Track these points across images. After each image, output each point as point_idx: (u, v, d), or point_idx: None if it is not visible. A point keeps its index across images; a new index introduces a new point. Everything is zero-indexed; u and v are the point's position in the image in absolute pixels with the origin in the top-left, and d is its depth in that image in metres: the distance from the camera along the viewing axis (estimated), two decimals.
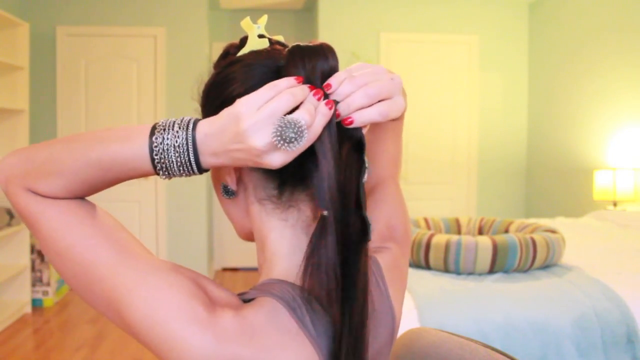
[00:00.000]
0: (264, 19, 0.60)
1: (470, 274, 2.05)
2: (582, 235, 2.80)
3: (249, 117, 0.47)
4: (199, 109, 0.63)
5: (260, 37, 0.59)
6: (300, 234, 0.57)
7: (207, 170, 0.52)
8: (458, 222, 2.69)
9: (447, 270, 2.07)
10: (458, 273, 2.06)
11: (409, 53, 4.48)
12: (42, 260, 3.76)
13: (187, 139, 0.49)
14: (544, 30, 4.45)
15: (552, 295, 1.82)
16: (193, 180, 4.32)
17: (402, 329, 0.89)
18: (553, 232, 2.17)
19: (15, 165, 0.52)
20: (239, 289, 1.61)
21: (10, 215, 3.40)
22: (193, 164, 0.49)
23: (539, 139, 4.53)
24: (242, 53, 0.59)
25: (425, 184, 4.54)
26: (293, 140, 0.47)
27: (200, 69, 4.25)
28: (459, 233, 2.66)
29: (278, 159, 0.49)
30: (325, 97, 0.52)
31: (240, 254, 4.80)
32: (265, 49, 0.58)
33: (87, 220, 0.52)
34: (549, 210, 4.34)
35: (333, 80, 0.52)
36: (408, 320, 1.72)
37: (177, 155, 0.49)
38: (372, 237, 0.68)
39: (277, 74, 0.53)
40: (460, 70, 4.54)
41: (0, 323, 3.18)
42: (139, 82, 4.25)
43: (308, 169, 0.55)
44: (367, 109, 0.52)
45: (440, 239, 2.06)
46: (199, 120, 0.50)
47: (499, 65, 4.62)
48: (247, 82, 0.55)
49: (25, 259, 3.54)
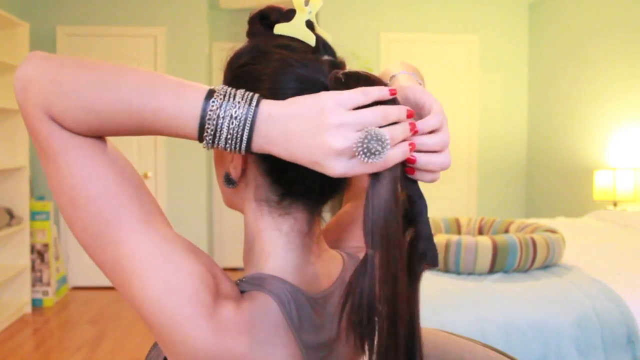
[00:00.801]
0: (318, 4, 0.54)
1: (470, 274, 2.05)
2: (582, 235, 2.80)
3: (337, 114, 0.45)
4: None
5: (308, 24, 0.55)
6: (293, 240, 0.57)
7: (252, 153, 0.48)
8: (458, 222, 2.69)
9: (447, 270, 2.07)
10: (458, 273, 2.06)
11: (409, 53, 4.48)
12: (42, 260, 3.76)
13: (247, 113, 0.45)
14: (544, 30, 4.45)
15: (552, 295, 1.82)
16: (193, 181, 4.32)
17: None
18: (553, 232, 2.17)
19: (38, 82, 0.46)
20: None
21: (10, 215, 3.40)
22: (244, 142, 0.46)
23: (539, 139, 4.53)
24: (282, 30, 0.55)
25: (425, 184, 4.53)
26: (375, 153, 0.44)
27: (200, 69, 4.26)
28: (459, 233, 2.66)
29: (342, 168, 0.45)
30: None
31: (240, 254, 4.78)
32: (307, 50, 0.54)
33: (111, 174, 0.48)
34: (549, 210, 4.34)
35: (423, 126, 0.49)
36: None
37: (230, 128, 0.45)
38: (358, 234, 0.68)
39: (313, 92, 0.48)
40: (460, 70, 4.54)
41: (0, 323, 3.18)
42: None
43: (322, 188, 0.55)
44: (435, 156, 0.50)
45: (440, 239, 2.05)
46: (263, 99, 0.47)
47: (499, 65, 4.62)
48: (276, 90, 0.52)
49: (25, 259, 3.54)
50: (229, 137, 0.46)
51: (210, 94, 0.46)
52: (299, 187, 0.55)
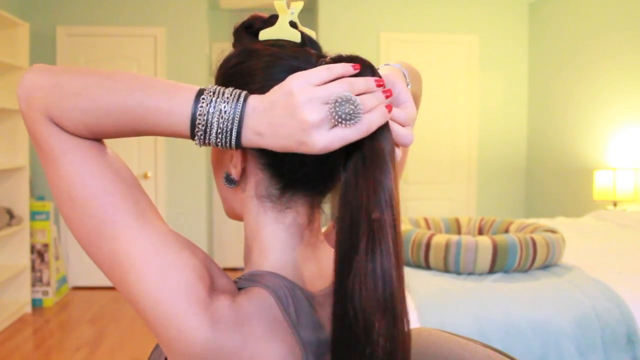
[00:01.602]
0: (299, 5, 0.57)
1: (470, 274, 2.05)
2: (582, 235, 2.80)
3: (304, 91, 0.46)
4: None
5: (292, 25, 0.56)
6: (294, 235, 0.58)
7: (242, 148, 0.50)
8: (458, 222, 2.69)
9: (447, 270, 2.07)
10: (458, 273, 2.06)
11: (409, 53, 4.48)
12: (42, 260, 3.76)
13: (235, 109, 0.47)
14: (544, 30, 4.45)
15: (552, 295, 1.82)
16: (193, 181, 4.32)
17: None
18: (553, 232, 2.17)
19: (40, 87, 0.49)
20: None
21: (10, 215, 3.40)
22: (234, 136, 0.48)
23: (539, 139, 4.53)
24: (268, 36, 0.57)
25: (425, 184, 4.54)
26: (350, 114, 0.45)
27: (200, 69, 4.26)
28: (459, 233, 2.66)
29: (324, 140, 0.46)
30: None
31: (240, 254, 4.78)
32: (295, 46, 0.56)
33: (108, 173, 0.51)
34: (549, 210, 4.34)
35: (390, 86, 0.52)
36: None
37: (220, 123, 0.47)
38: None
39: None
40: (460, 70, 4.54)
41: (0, 323, 3.18)
42: None
43: (320, 176, 0.55)
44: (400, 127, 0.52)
45: (440, 239, 2.05)
46: (250, 95, 0.49)
47: (499, 65, 4.62)
48: (267, 82, 0.53)
49: (25, 259, 3.54)
50: (219, 132, 0.48)
51: (201, 92, 0.48)
52: (299, 176, 0.55)
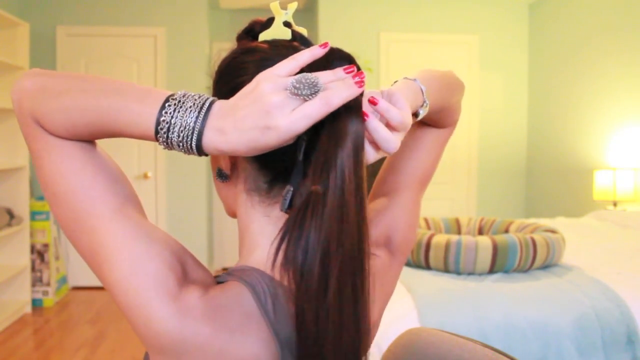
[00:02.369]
0: (294, 6, 0.59)
1: (470, 274, 2.05)
2: (582, 235, 2.80)
3: (269, 81, 0.47)
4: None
5: (286, 24, 0.59)
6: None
7: (206, 155, 0.50)
8: (458, 222, 2.69)
9: (447, 270, 2.07)
10: (458, 273, 2.06)
11: (409, 53, 4.48)
12: (42, 260, 3.76)
13: (197, 117, 0.47)
14: (544, 30, 4.45)
15: (552, 295, 1.82)
16: (193, 181, 4.32)
17: (402, 329, 0.89)
18: (553, 232, 2.17)
19: (29, 91, 0.52)
20: None
21: (11, 215, 3.40)
22: (194, 147, 0.48)
23: (539, 139, 4.53)
24: (265, 37, 0.59)
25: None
26: (307, 92, 0.46)
27: (200, 69, 4.26)
28: (459, 233, 2.66)
29: (286, 120, 0.46)
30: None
31: None
32: (286, 43, 0.58)
33: (89, 169, 0.52)
34: (549, 210, 4.34)
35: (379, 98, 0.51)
36: (408, 320, 1.72)
37: (180, 135, 0.48)
38: (373, 237, 0.67)
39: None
40: (460, 70, 4.54)
41: (0, 323, 3.18)
42: (139, 82, 4.25)
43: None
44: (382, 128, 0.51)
45: (440, 239, 2.06)
46: (215, 102, 0.49)
47: (499, 65, 4.62)
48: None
49: (25, 259, 3.54)
50: (180, 142, 0.48)
51: (167, 100, 0.49)
52: (286, 167, 0.55)
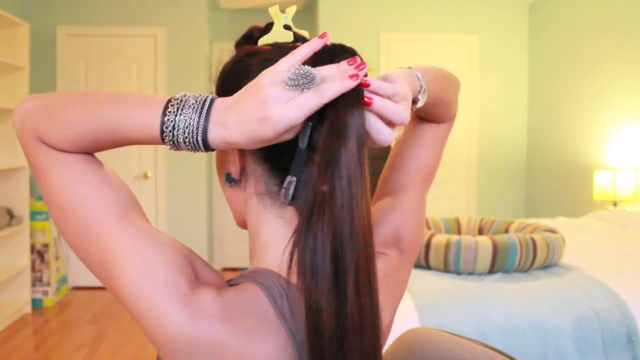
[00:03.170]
0: (293, 10, 0.59)
1: (470, 274, 2.05)
2: (582, 235, 2.80)
3: (269, 75, 0.48)
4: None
5: (286, 28, 0.58)
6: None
7: (212, 150, 0.51)
8: (458, 222, 2.69)
9: (447, 270, 2.07)
10: (458, 273, 2.06)
11: (409, 53, 4.48)
12: (42, 260, 3.76)
13: (200, 115, 0.49)
14: (544, 30, 4.45)
15: (552, 295, 1.82)
16: (193, 181, 4.32)
17: (402, 329, 0.89)
18: (553, 232, 2.17)
19: (31, 111, 0.53)
20: None
21: (10, 215, 3.40)
22: (200, 144, 0.49)
23: (539, 139, 4.53)
24: (265, 41, 0.59)
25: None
26: (303, 83, 0.46)
27: (200, 69, 4.26)
28: (459, 233, 2.66)
29: (280, 110, 0.46)
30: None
31: (240, 254, 4.79)
32: (288, 44, 0.58)
33: (92, 180, 0.53)
34: (549, 210, 4.34)
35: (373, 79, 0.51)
36: (408, 320, 1.72)
37: (185, 135, 0.49)
38: (375, 240, 0.67)
39: None
40: (460, 70, 4.54)
41: (0, 323, 3.18)
42: (139, 82, 4.25)
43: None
44: (389, 103, 0.50)
45: (440, 239, 2.05)
46: (216, 100, 0.50)
47: (499, 65, 4.62)
48: None
49: (25, 259, 3.54)
50: (186, 139, 0.49)
51: (170, 101, 0.50)
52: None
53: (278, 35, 0.58)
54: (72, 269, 4.16)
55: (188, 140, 0.49)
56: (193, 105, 0.49)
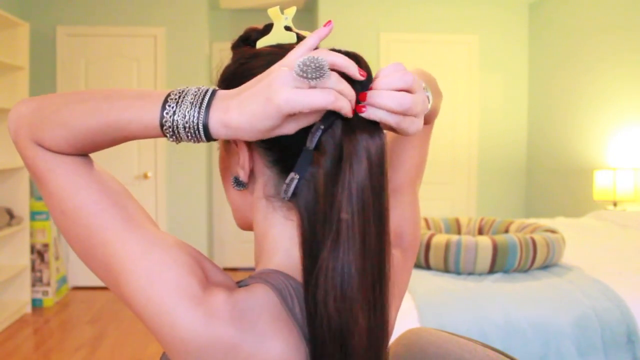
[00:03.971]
0: (293, 11, 0.58)
1: (470, 274, 2.05)
2: (582, 235, 2.80)
3: (278, 64, 0.48)
4: None
5: (287, 29, 0.58)
6: None
7: (214, 139, 0.50)
8: (458, 222, 2.69)
9: (447, 270, 2.07)
10: (458, 273, 2.06)
11: (409, 53, 4.48)
12: (42, 260, 3.76)
13: (199, 110, 0.48)
14: (544, 30, 4.45)
15: (552, 295, 1.82)
16: (193, 181, 4.32)
17: (402, 329, 0.89)
18: (553, 232, 2.17)
19: (26, 115, 0.52)
20: None
21: (11, 215, 3.40)
22: (201, 132, 0.48)
23: (539, 139, 4.53)
24: (265, 43, 0.58)
25: (425, 184, 4.54)
26: (313, 75, 0.46)
27: (200, 69, 4.26)
28: (459, 233, 2.66)
29: (285, 94, 0.46)
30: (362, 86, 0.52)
31: (241, 254, 4.80)
32: (291, 45, 0.57)
33: (94, 184, 0.52)
34: (549, 210, 4.34)
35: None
36: (408, 320, 1.72)
37: (186, 129, 0.48)
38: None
39: None
40: (460, 70, 4.54)
41: (0, 323, 3.18)
42: (139, 82, 4.25)
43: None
44: (384, 112, 0.50)
45: (440, 239, 2.06)
46: (218, 91, 0.49)
47: (499, 65, 4.62)
48: None
49: (25, 259, 3.54)
50: (187, 129, 0.48)
51: (167, 98, 0.49)
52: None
53: (280, 37, 0.58)
54: (72, 269, 4.16)
55: (188, 126, 0.48)
56: (195, 93, 0.48)
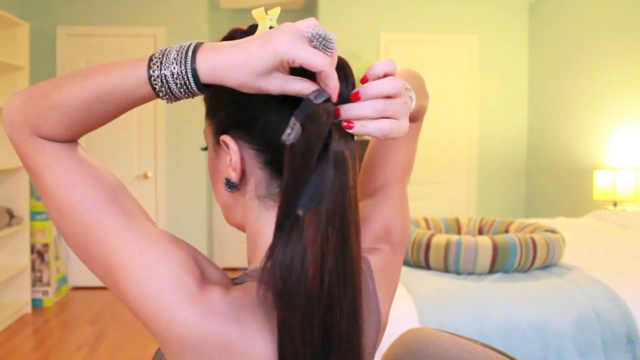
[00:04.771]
0: (277, 11, 0.58)
1: (470, 274, 2.05)
2: (582, 235, 2.80)
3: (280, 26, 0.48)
4: (200, 105, 0.63)
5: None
6: None
7: (209, 87, 0.50)
8: (458, 222, 2.69)
9: (447, 270, 2.07)
10: (458, 273, 2.06)
11: (409, 53, 4.48)
12: (42, 260, 3.76)
13: (185, 64, 0.48)
14: (544, 30, 4.45)
15: (552, 295, 1.82)
16: (193, 181, 4.32)
17: (402, 329, 0.89)
18: (553, 232, 2.17)
19: (19, 107, 0.52)
20: None
21: (10, 215, 3.40)
22: (192, 83, 0.49)
23: (539, 139, 4.53)
24: None
25: (425, 184, 4.54)
26: (321, 44, 0.46)
27: None
28: (459, 233, 2.66)
29: (287, 41, 0.46)
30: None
31: (240, 254, 4.80)
32: None
33: (91, 181, 0.52)
34: (549, 210, 4.34)
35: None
36: (408, 320, 1.72)
37: (174, 78, 0.48)
38: (367, 237, 0.68)
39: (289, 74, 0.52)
40: (460, 70, 4.54)
41: (0, 323, 3.18)
42: None
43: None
44: (368, 121, 0.50)
45: (440, 239, 2.05)
46: (201, 46, 0.49)
47: (499, 65, 4.62)
48: None
49: (25, 259, 3.54)
50: (178, 83, 0.48)
51: (152, 57, 0.50)
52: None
53: None
54: (72, 269, 4.16)
55: (176, 73, 0.48)
56: (178, 48, 0.49)
